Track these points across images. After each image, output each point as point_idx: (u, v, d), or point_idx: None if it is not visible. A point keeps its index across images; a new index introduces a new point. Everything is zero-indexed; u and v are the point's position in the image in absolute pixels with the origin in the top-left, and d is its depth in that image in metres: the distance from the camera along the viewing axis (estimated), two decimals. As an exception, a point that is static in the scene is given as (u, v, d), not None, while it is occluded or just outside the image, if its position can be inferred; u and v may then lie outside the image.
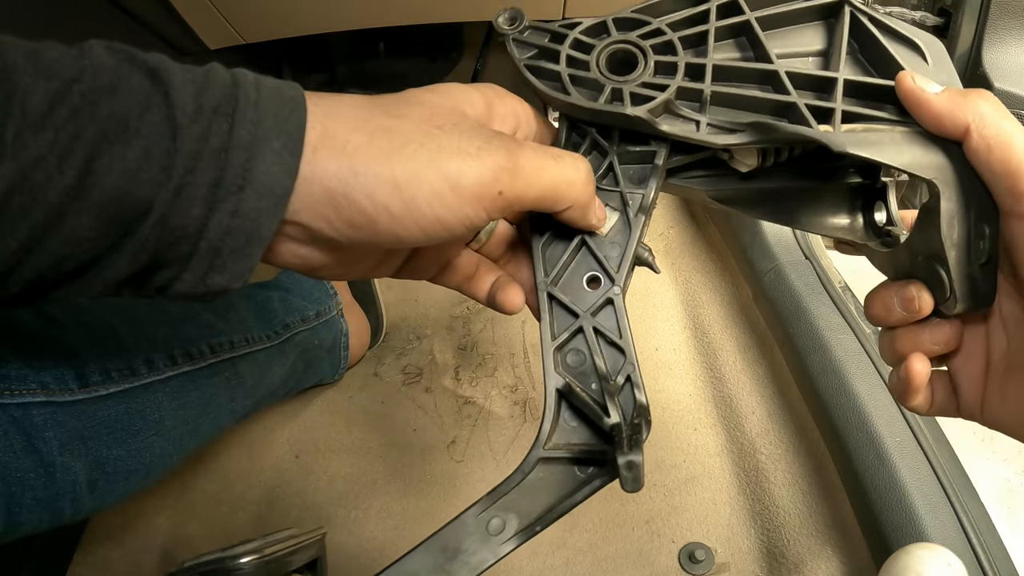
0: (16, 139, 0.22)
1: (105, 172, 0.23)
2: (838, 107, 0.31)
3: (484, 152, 0.28)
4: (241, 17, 0.78)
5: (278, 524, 0.82)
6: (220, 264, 0.26)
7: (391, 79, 1.25)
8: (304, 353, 0.79)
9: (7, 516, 0.46)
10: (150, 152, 0.23)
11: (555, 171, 0.30)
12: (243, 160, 0.25)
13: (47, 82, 0.23)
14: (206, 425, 0.63)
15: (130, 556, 0.80)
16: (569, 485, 0.33)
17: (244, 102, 0.25)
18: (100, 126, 0.23)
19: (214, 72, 0.26)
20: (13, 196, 0.22)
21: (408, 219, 0.27)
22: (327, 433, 0.90)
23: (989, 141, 0.28)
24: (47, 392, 0.49)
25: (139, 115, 0.23)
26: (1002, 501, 0.75)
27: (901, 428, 0.65)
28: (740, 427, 0.83)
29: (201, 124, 0.24)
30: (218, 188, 0.24)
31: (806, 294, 0.78)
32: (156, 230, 0.24)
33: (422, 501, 0.81)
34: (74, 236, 0.24)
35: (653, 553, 0.76)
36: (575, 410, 0.34)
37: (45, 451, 0.48)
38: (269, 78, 0.27)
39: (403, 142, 0.27)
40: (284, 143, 0.25)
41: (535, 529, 0.33)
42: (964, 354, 0.34)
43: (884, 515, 0.62)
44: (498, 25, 0.36)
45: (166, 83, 0.24)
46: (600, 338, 0.33)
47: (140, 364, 0.55)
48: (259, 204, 0.25)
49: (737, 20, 0.35)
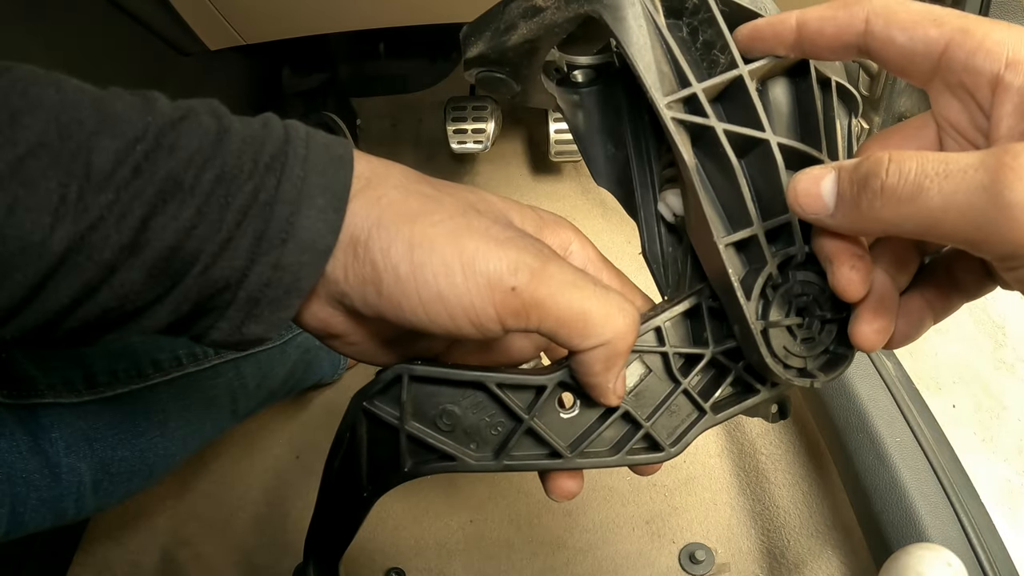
0: (79, 200, 0.22)
1: (160, 229, 0.23)
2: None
3: (512, 244, 0.26)
4: (241, 17, 0.78)
5: (278, 524, 0.82)
6: (257, 314, 0.26)
7: (391, 79, 1.25)
8: (305, 354, 0.79)
9: (12, 516, 0.46)
10: (203, 211, 0.24)
11: (592, 297, 0.26)
12: (287, 214, 0.25)
13: (112, 140, 0.23)
14: (208, 426, 0.63)
15: (130, 556, 0.80)
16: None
17: (293, 158, 0.25)
18: (158, 186, 0.23)
19: (270, 127, 0.26)
20: (70, 255, 0.22)
21: (411, 286, 0.25)
22: (327, 433, 0.88)
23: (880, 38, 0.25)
24: (55, 394, 0.49)
25: (195, 175, 0.24)
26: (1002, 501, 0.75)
27: (901, 428, 0.66)
28: (740, 427, 0.84)
29: (254, 181, 0.24)
30: (261, 241, 0.25)
31: (806, 295, 0.78)
32: (200, 280, 0.25)
33: (422, 501, 0.81)
34: (123, 290, 0.24)
35: (653, 553, 0.76)
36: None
37: (51, 452, 0.48)
38: (321, 133, 0.27)
39: (434, 208, 0.26)
40: (328, 200, 0.25)
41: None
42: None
43: (884, 515, 0.62)
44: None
45: (226, 141, 0.24)
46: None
47: (146, 365, 0.55)
48: (301, 258, 0.25)
49: None
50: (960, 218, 0.20)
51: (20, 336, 0.24)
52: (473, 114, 1.09)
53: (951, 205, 0.20)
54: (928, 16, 0.24)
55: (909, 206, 0.21)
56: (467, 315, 0.25)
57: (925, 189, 0.21)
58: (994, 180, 0.19)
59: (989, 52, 0.23)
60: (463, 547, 0.78)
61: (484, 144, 1.08)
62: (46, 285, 0.23)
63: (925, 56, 0.24)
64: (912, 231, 0.22)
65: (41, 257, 0.22)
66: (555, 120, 1.10)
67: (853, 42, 0.26)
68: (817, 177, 0.24)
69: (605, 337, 0.26)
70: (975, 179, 0.20)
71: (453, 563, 0.77)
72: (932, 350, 0.93)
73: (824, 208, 0.24)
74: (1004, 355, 1.02)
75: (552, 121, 1.10)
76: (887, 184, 0.21)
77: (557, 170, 1.24)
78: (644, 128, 0.37)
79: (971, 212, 0.20)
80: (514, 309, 0.25)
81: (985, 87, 0.23)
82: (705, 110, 0.28)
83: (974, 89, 0.24)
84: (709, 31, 0.29)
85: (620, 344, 0.27)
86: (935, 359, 0.92)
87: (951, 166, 0.20)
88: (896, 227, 0.22)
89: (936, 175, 0.20)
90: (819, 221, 0.25)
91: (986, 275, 0.28)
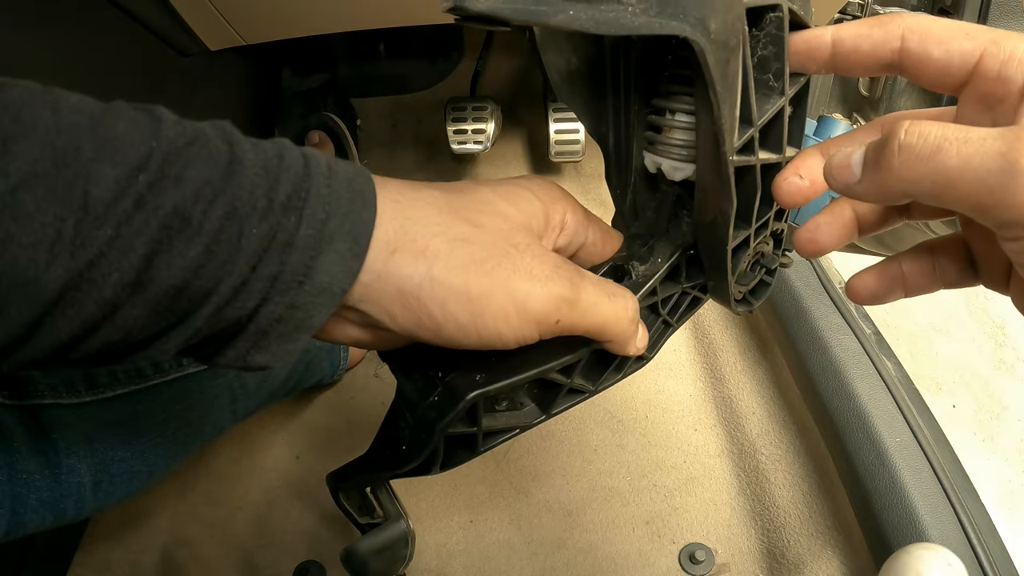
0: (76, 235, 0.21)
1: (164, 267, 0.22)
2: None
3: (551, 281, 0.29)
4: (241, 18, 0.78)
5: (278, 524, 0.82)
6: (264, 345, 0.26)
7: (391, 80, 1.26)
8: (305, 354, 0.79)
9: (12, 516, 0.46)
10: (212, 250, 0.23)
11: (607, 309, 0.31)
12: (306, 259, 0.24)
13: (112, 168, 0.21)
14: (208, 427, 0.63)
15: (130, 556, 0.80)
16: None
17: (315, 199, 0.24)
18: (163, 220, 0.22)
19: (287, 159, 0.25)
20: (68, 292, 0.21)
21: (472, 330, 0.28)
22: (327, 433, 0.90)
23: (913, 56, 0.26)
24: (55, 394, 0.49)
25: (203, 210, 0.22)
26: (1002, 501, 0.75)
27: (901, 428, 0.66)
28: (740, 428, 0.84)
29: (269, 223, 0.23)
30: (277, 282, 0.24)
31: (806, 295, 0.79)
32: (210, 321, 0.24)
33: (422, 502, 0.81)
34: (127, 325, 0.23)
35: (653, 554, 0.76)
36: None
37: (51, 453, 0.48)
38: (342, 164, 0.26)
39: (483, 256, 0.28)
40: (350, 246, 0.25)
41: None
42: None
43: (884, 515, 0.62)
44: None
45: (238, 172, 0.23)
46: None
47: (146, 366, 0.55)
48: (315, 300, 0.25)
49: None
50: (975, 180, 0.22)
51: (17, 368, 0.24)
52: (473, 114, 1.09)
53: (968, 167, 0.22)
54: (960, 30, 0.26)
55: (928, 163, 0.23)
56: (518, 340, 0.29)
57: (944, 150, 0.22)
58: (1011, 148, 0.21)
59: (1021, 61, 0.25)
60: (463, 547, 0.78)
61: (484, 144, 1.08)
62: (43, 322, 0.22)
63: (960, 68, 0.26)
64: (929, 191, 0.23)
65: (37, 294, 0.21)
66: (555, 120, 1.10)
67: (888, 59, 0.27)
68: (849, 153, 0.26)
69: (617, 333, 0.32)
70: (993, 146, 0.21)
71: (453, 563, 0.77)
72: (932, 350, 0.93)
73: (852, 176, 0.26)
74: (1004, 355, 1.02)
75: (552, 121, 1.10)
76: (905, 143, 0.23)
77: (557, 170, 1.24)
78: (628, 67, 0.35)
79: (986, 176, 0.21)
80: (554, 332, 0.30)
81: (1016, 95, 0.25)
82: (756, 147, 0.29)
83: (1004, 96, 0.25)
84: (771, 48, 0.28)
85: (629, 331, 0.33)
86: (935, 359, 0.92)
87: (971, 134, 0.22)
88: (915, 185, 0.24)
89: (956, 140, 0.22)
90: (848, 189, 0.26)
91: (968, 268, 0.31)
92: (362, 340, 0.30)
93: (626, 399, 0.88)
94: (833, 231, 0.32)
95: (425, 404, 0.31)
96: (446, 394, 0.31)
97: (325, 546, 0.80)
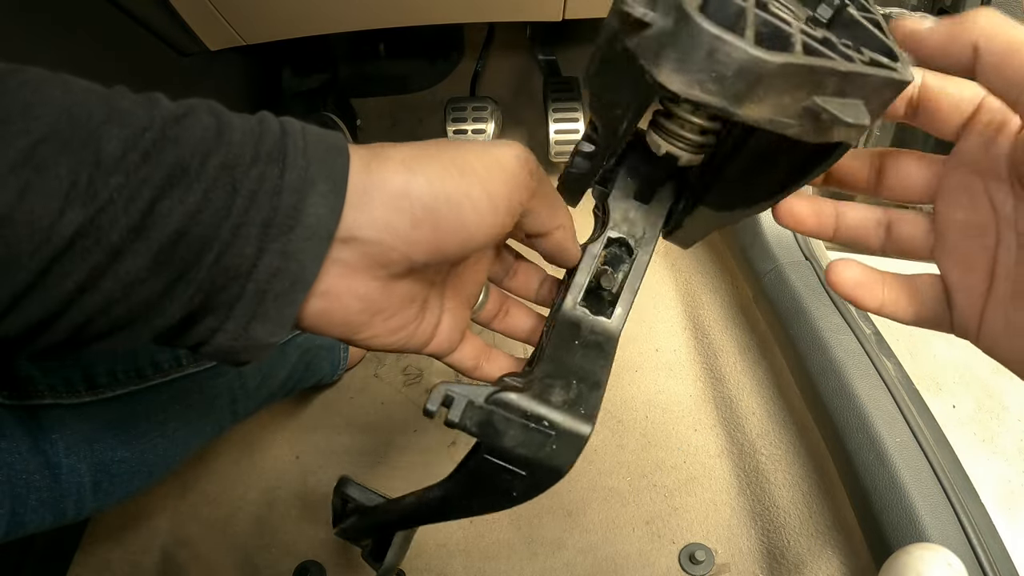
0: (90, 184, 0.23)
1: (166, 213, 0.24)
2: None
3: (506, 145, 0.32)
4: (241, 18, 0.78)
5: (278, 524, 0.82)
6: (264, 312, 0.27)
7: (391, 80, 1.26)
8: (305, 354, 0.79)
9: (11, 517, 0.46)
10: (209, 197, 0.25)
11: (560, 199, 0.35)
12: (294, 202, 0.26)
13: (121, 129, 0.24)
14: (208, 427, 0.63)
15: (130, 556, 0.80)
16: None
17: (293, 150, 0.27)
18: (166, 171, 0.24)
19: (267, 122, 0.28)
20: (78, 239, 0.23)
21: (467, 203, 0.29)
22: (327, 433, 0.90)
23: (1000, 55, 0.25)
24: (55, 395, 0.49)
25: (200, 162, 0.25)
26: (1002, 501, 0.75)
27: (901, 428, 0.66)
28: (740, 428, 0.84)
29: (258, 168, 0.26)
30: (269, 228, 0.26)
31: (806, 295, 0.78)
32: (212, 271, 0.26)
33: (423, 502, 0.81)
34: (128, 278, 0.24)
35: (653, 554, 0.76)
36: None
37: (51, 453, 0.48)
38: (314, 127, 0.29)
39: (447, 146, 0.31)
40: (330, 187, 0.27)
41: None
42: (963, 262, 0.31)
43: (884, 515, 0.62)
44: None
45: (226, 133, 0.26)
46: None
47: (146, 366, 0.55)
48: (305, 245, 0.27)
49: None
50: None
51: (24, 331, 0.24)
52: (473, 114, 1.09)
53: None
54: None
55: (1010, 30, 0.24)
56: (507, 206, 0.31)
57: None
58: None
59: None
60: (463, 547, 0.78)
61: (484, 144, 1.08)
62: (51, 270, 0.23)
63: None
64: (998, 50, 0.25)
65: (49, 241, 0.23)
66: (555, 120, 1.10)
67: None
68: (920, 19, 0.28)
69: (566, 220, 0.36)
70: None
71: (453, 563, 0.77)
72: (932, 350, 0.93)
73: (923, 24, 0.27)
74: (1004, 355, 1.02)
75: (552, 122, 1.10)
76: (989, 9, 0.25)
77: (557, 170, 1.24)
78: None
79: None
80: (529, 193, 0.32)
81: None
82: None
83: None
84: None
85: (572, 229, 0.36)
86: (935, 359, 0.92)
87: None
88: (990, 42, 0.25)
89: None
90: (915, 33, 0.27)
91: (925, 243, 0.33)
92: (368, 293, 0.30)
93: (626, 399, 0.88)
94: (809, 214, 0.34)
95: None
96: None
97: (325, 546, 0.80)
